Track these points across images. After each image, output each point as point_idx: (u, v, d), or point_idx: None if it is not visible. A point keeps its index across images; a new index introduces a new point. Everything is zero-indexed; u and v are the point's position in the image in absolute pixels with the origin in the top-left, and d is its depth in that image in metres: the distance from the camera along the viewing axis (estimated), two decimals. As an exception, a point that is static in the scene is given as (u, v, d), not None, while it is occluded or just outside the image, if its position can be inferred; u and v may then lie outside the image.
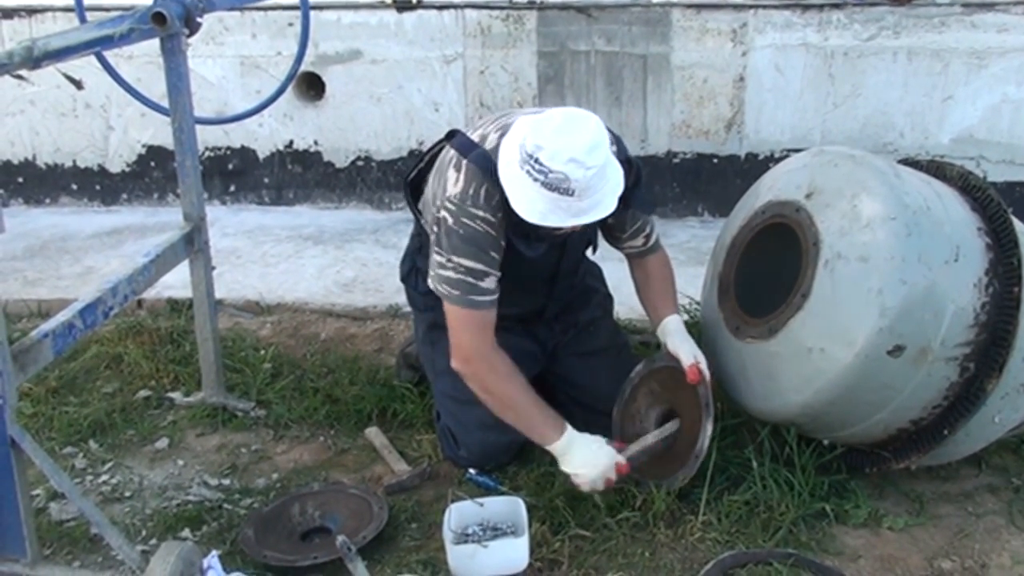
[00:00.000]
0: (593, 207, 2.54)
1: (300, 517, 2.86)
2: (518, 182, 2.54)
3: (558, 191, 2.47)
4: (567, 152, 2.43)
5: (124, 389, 3.60)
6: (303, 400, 3.47)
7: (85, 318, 2.62)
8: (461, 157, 2.72)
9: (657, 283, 3.04)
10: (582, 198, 2.49)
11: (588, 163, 2.44)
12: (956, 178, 2.89)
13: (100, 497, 3.01)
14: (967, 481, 3.01)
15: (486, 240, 2.68)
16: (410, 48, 5.15)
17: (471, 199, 2.66)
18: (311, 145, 5.43)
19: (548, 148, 2.45)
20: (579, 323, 3.18)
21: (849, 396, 2.61)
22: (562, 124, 2.49)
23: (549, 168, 2.44)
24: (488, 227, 2.67)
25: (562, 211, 2.52)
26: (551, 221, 2.54)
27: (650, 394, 2.99)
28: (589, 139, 2.46)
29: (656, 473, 2.83)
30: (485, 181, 2.66)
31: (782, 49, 4.88)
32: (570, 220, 2.54)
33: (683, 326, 2.94)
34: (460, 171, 2.70)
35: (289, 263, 4.72)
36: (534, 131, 2.49)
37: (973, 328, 2.60)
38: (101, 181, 5.61)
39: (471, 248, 2.68)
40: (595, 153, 2.46)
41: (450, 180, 2.71)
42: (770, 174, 3.05)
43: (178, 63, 3.04)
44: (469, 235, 2.67)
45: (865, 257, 2.54)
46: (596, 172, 2.46)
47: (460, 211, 2.67)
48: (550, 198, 2.49)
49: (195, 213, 3.22)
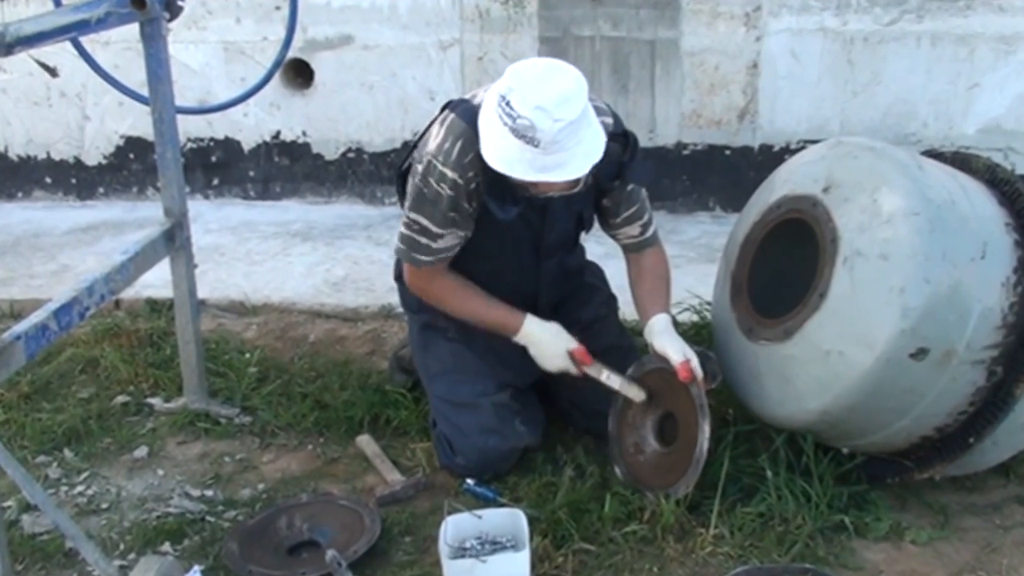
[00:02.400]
0: (558, 165, 2.58)
1: (287, 530, 2.86)
2: (490, 126, 2.62)
3: (523, 139, 2.53)
4: (536, 98, 2.49)
5: (101, 394, 3.60)
6: (291, 406, 3.47)
7: (60, 319, 2.62)
8: (449, 112, 2.82)
9: (649, 280, 3.06)
10: (547, 152, 2.54)
11: (556, 114, 2.49)
12: (983, 171, 2.89)
13: (75, 509, 3.00)
14: (994, 492, 3.00)
15: (443, 201, 2.79)
16: (404, 33, 5.15)
17: (443, 155, 2.76)
18: (299, 136, 5.44)
19: (519, 91, 2.52)
20: (582, 321, 3.18)
21: (869, 402, 2.61)
22: (540, 71, 2.56)
23: (517, 112, 2.51)
24: (450, 188, 2.77)
25: (526, 163, 2.57)
26: (515, 171, 2.60)
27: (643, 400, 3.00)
28: (561, 90, 2.52)
29: (659, 483, 2.84)
30: (463, 136, 2.74)
31: (798, 34, 4.88)
32: (533, 174, 2.59)
33: (671, 325, 2.95)
34: (443, 125, 2.81)
35: (276, 261, 4.73)
36: (512, 74, 2.57)
37: (1001, 330, 2.60)
38: (77, 174, 5.62)
39: (426, 206, 2.82)
40: (565, 106, 2.51)
41: (432, 134, 2.83)
42: (785, 167, 3.05)
43: (158, 49, 3.04)
44: (430, 194, 2.80)
45: (886, 255, 2.54)
46: (565, 127, 2.51)
47: (429, 168, 2.79)
48: (516, 146, 2.55)
49: (176, 208, 3.22)
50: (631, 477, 2.94)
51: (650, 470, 2.94)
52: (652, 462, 2.96)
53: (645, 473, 2.94)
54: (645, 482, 2.89)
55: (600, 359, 2.98)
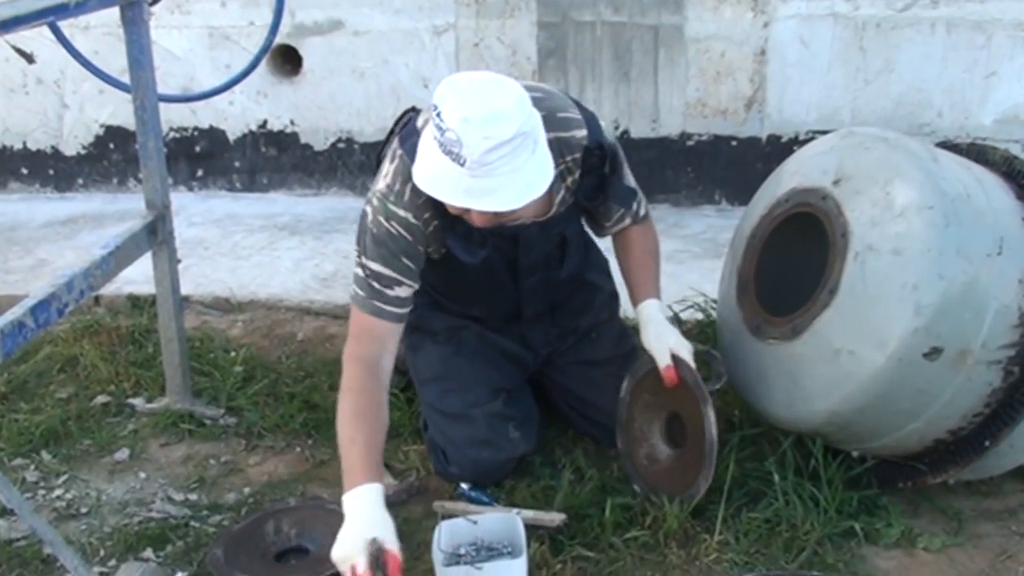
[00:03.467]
0: (487, 192, 2.40)
1: (274, 536, 2.86)
2: (424, 142, 2.48)
3: (450, 155, 2.36)
4: (464, 110, 2.33)
5: (80, 394, 3.60)
6: (278, 407, 3.48)
7: (37, 316, 2.62)
8: (398, 147, 2.70)
9: (637, 252, 2.98)
10: (474, 174, 2.37)
11: (485, 132, 2.32)
12: (1000, 163, 2.89)
13: (54, 513, 3.01)
14: (1011, 497, 3.01)
15: (399, 244, 2.66)
16: (396, 18, 5.15)
17: (394, 196, 2.64)
18: (287, 125, 5.43)
19: (450, 102, 2.36)
20: (579, 330, 3.17)
21: (881, 403, 2.62)
22: (478, 82, 2.42)
23: (445, 125, 2.35)
24: (405, 230, 2.65)
25: (451, 182, 2.41)
26: (438, 192, 2.45)
27: (646, 408, 2.99)
28: (496, 106, 2.35)
29: (681, 486, 2.83)
30: (412, 177, 2.59)
31: (808, 19, 4.88)
32: (458, 198, 2.43)
33: (660, 313, 2.88)
34: (392, 163, 2.69)
35: (262, 255, 4.72)
36: (449, 83, 2.41)
37: (1018, 328, 2.60)
38: (54, 165, 5.61)
39: (381, 251, 2.66)
40: (497, 124, 2.33)
41: (381, 172, 2.72)
42: (794, 158, 3.05)
43: (140, 34, 3.04)
44: (382, 236, 2.65)
45: (899, 250, 2.54)
46: (495, 148, 2.33)
47: (380, 208, 2.66)
48: (442, 163, 2.39)
49: (159, 200, 3.22)
50: (651, 488, 2.92)
51: (668, 476, 2.93)
52: (668, 468, 2.96)
53: (664, 481, 2.92)
54: (667, 490, 2.86)
55: None
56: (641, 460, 2.99)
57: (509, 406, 3.05)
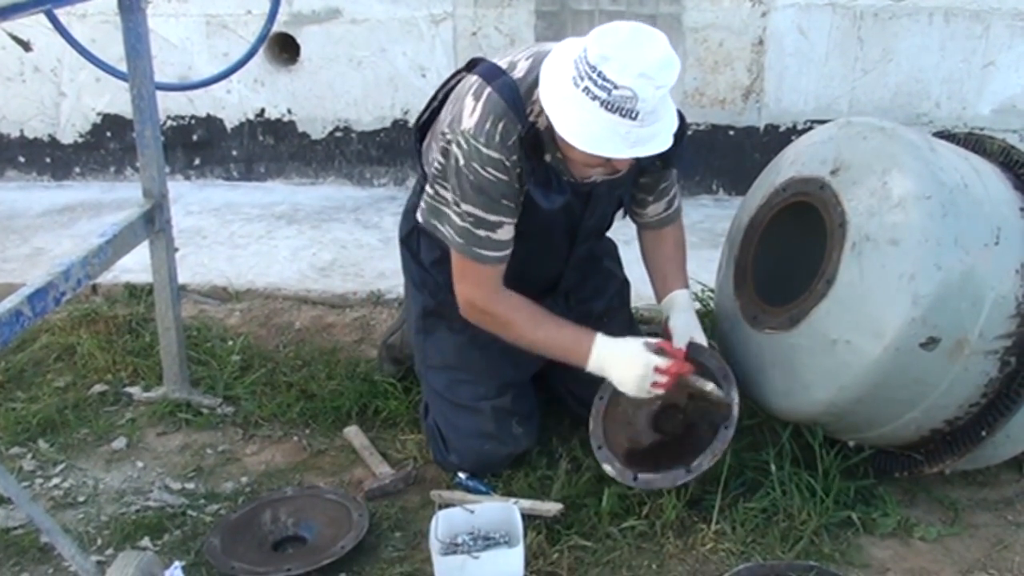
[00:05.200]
0: (652, 137, 2.45)
1: (272, 525, 2.86)
2: (570, 103, 2.44)
3: (619, 112, 2.38)
4: (638, 65, 2.35)
5: (77, 383, 3.60)
6: (275, 396, 3.48)
7: (34, 305, 2.61)
8: (484, 84, 2.66)
9: (670, 248, 3.03)
10: (644, 123, 2.40)
11: (659, 81, 2.36)
12: (997, 153, 2.89)
13: (51, 502, 3.01)
14: (1007, 487, 3.02)
15: (499, 188, 2.64)
16: (394, 6, 5.14)
17: (485, 136, 2.60)
18: (284, 114, 5.42)
19: (617, 59, 2.35)
20: (593, 313, 3.17)
21: (878, 393, 2.62)
22: (631, 35, 2.40)
23: (615, 82, 2.35)
24: (502, 172, 2.62)
25: (619, 138, 2.42)
26: (605, 150, 2.45)
27: None
28: (661, 53, 2.38)
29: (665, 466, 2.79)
30: (505, 116, 2.60)
31: (806, 9, 4.87)
32: (626, 150, 2.44)
33: (691, 302, 2.95)
34: (479, 99, 2.64)
35: (260, 244, 4.72)
36: (599, 42, 2.39)
37: (1015, 318, 2.60)
38: (52, 153, 5.60)
39: (482, 197, 2.65)
40: (667, 71, 2.38)
41: (467, 109, 2.66)
42: (792, 148, 3.05)
43: (137, 22, 3.03)
44: (480, 182, 2.64)
45: (896, 240, 2.54)
46: (664, 95, 2.41)
47: (473, 151, 2.62)
48: (608, 121, 2.39)
49: (156, 189, 3.21)
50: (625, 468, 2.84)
51: (650, 459, 2.88)
52: (653, 452, 2.92)
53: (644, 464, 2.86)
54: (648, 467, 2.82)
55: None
56: (621, 443, 2.93)
57: (516, 402, 3.05)
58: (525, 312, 2.82)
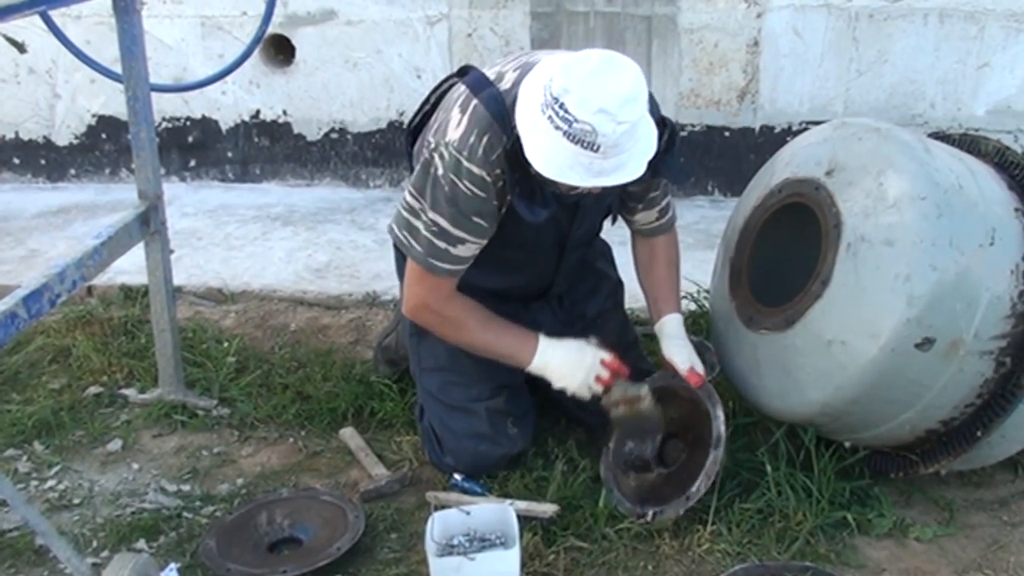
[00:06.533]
0: (617, 168, 2.44)
1: (267, 526, 2.86)
2: (537, 129, 2.45)
3: (581, 144, 2.38)
4: (598, 101, 2.35)
5: (73, 385, 3.60)
6: (271, 398, 3.47)
7: (29, 307, 2.60)
8: (471, 96, 2.66)
9: (662, 268, 3.04)
10: (607, 156, 2.40)
11: (620, 117, 2.36)
12: (992, 154, 2.90)
13: (46, 504, 3.00)
14: (1002, 487, 3.02)
15: (473, 203, 2.64)
16: (390, 8, 5.13)
17: (469, 150, 2.60)
18: (280, 115, 5.42)
19: (577, 93, 2.36)
20: (586, 316, 3.17)
21: (873, 394, 2.62)
22: (597, 67, 2.40)
23: (575, 116, 2.35)
24: (480, 189, 2.62)
25: (582, 168, 2.42)
26: (568, 178, 2.45)
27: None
28: (625, 89, 2.38)
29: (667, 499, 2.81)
30: (490, 129, 2.59)
31: (801, 10, 4.88)
32: (590, 180, 2.45)
33: (683, 328, 2.94)
34: (465, 112, 2.65)
35: (255, 246, 4.71)
36: (564, 72, 2.39)
37: (1010, 319, 2.61)
38: (46, 154, 5.59)
39: (452, 210, 2.65)
40: (629, 107, 2.37)
41: (452, 121, 2.66)
42: (787, 149, 3.05)
43: (132, 24, 3.03)
44: (454, 195, 2.63)
45: (891, 240, 2.54)
46: (627, 129, 2.38)
47: (453, 163, 2.61)
48: (571, 151, 2.40)
49: (151, 190, 3.21)
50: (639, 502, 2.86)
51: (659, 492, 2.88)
52: (659, 485, 2.92)
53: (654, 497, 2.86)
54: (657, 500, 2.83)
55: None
56: (629, 483, 2.94)
57: (510, 403, 3.04)
58: (478, 314, 2.86)
